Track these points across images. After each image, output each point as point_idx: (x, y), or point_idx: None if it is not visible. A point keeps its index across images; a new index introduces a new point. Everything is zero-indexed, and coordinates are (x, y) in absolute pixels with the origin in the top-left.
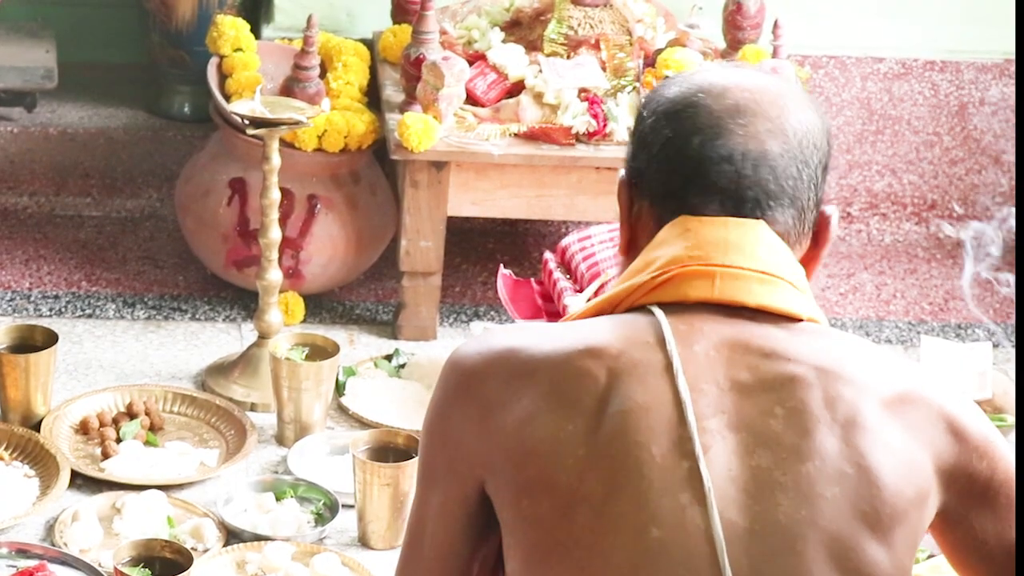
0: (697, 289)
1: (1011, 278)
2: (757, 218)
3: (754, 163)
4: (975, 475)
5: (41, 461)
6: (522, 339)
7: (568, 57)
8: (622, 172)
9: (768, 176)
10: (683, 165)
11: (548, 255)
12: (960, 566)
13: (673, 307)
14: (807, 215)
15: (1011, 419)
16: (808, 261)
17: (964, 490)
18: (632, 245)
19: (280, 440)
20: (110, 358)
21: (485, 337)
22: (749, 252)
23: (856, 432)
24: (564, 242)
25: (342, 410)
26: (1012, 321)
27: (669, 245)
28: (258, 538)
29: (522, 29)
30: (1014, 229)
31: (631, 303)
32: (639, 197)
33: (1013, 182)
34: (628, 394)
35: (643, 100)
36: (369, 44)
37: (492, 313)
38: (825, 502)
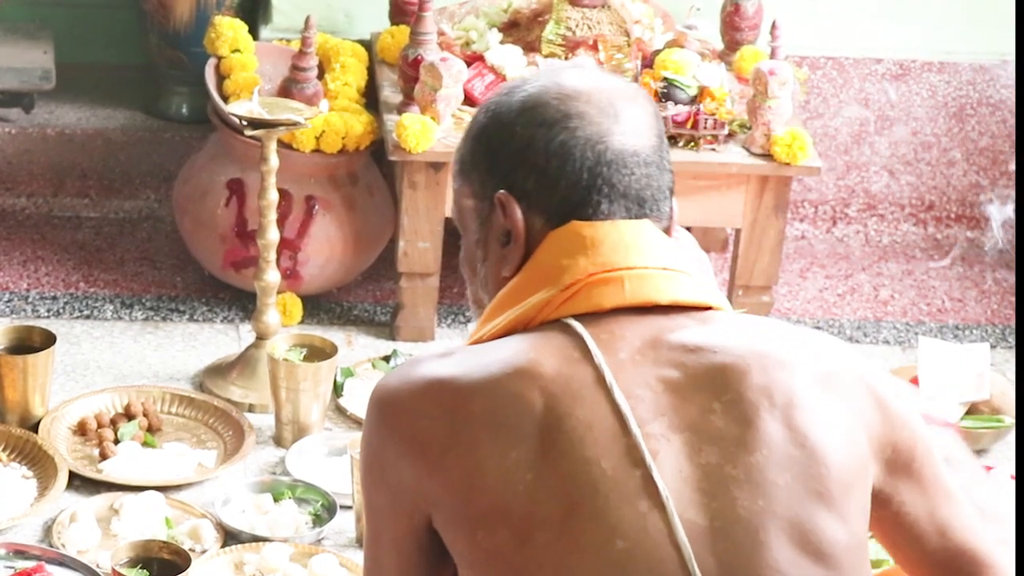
0: (609, 296)
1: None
2: (654, 216)
3: (644, 162)
4: (899, 445)
5: (39, 462)
6: (447, 368)
7: (566, 58)
8: (500, 192)
9: (654, 172)
10: (581, 176)
11: None
12: (895, 550)
13: (586, 316)
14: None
15: (1009, 420)
16: None
17: (890, 461)
18: (521, 263)
19: (278, 441)
20: (108, 359)
21: (408, 369)
22: (646, 251)
23: (795, 413)
24: None
25: (340, 411)
26: (1009, 322)
27: (569, 255)
28: (256, 539)
29: (520, 30)
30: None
31: (543, 318)
32: (530, 215)
33: (1011, 183)
34: (568, 412)
35: (490, 115)
36: (367, 45)
37: None
38: (779, 489)
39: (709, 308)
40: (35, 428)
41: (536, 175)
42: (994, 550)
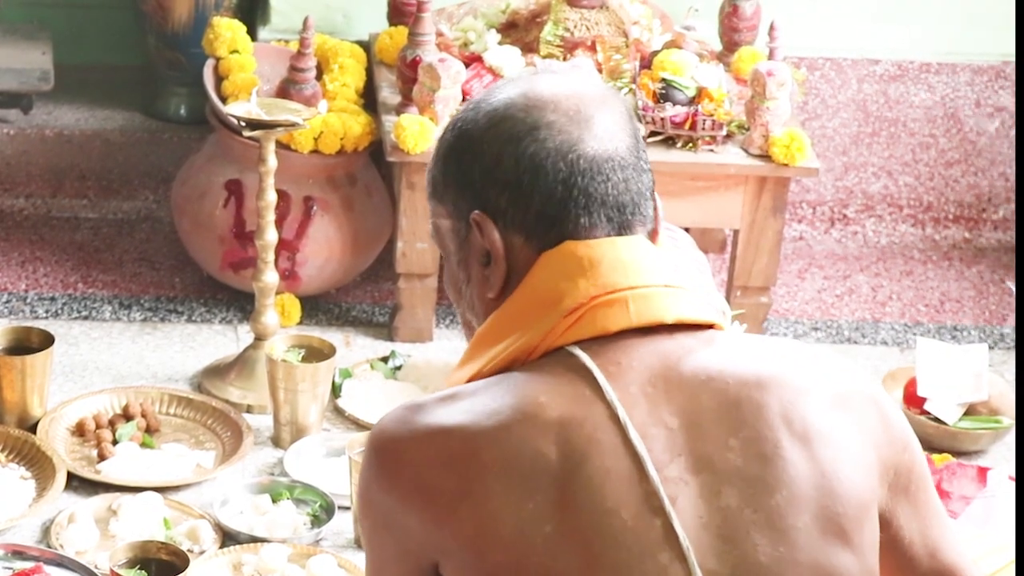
0: (614, 319)
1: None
2: (638, 220)
3: (620, 166)
4: (900, 467)
5: (37, 463)
6: (454, 416)
7: (564, 59)
8: (475, 213)
9: (631, 175)
10: (555, 189)
11: None
12: (885, 573)
13: (591, 343)
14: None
15: (1007, 421)
16: None
17: (892, 484)
18: (507, 284)
19: (276, 442)
20: (106, 360)
21: (410, 415)
22: (645, 268)
23: (813, 444)
24: None
25: (338, 412)
26: (1007, 323)
27: (567, 277)
28: (254, 540)
29: (518, 31)
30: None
31: (547, 347)
32: (508, 233)
33: (1009, 183)
34: (584, 459)
35: (457, 132)
36: (365, 46)
37: None
38: (799, 533)
39: (711, 326)
40: (33, 429)
41: (509, 192)
42: (970, 564)
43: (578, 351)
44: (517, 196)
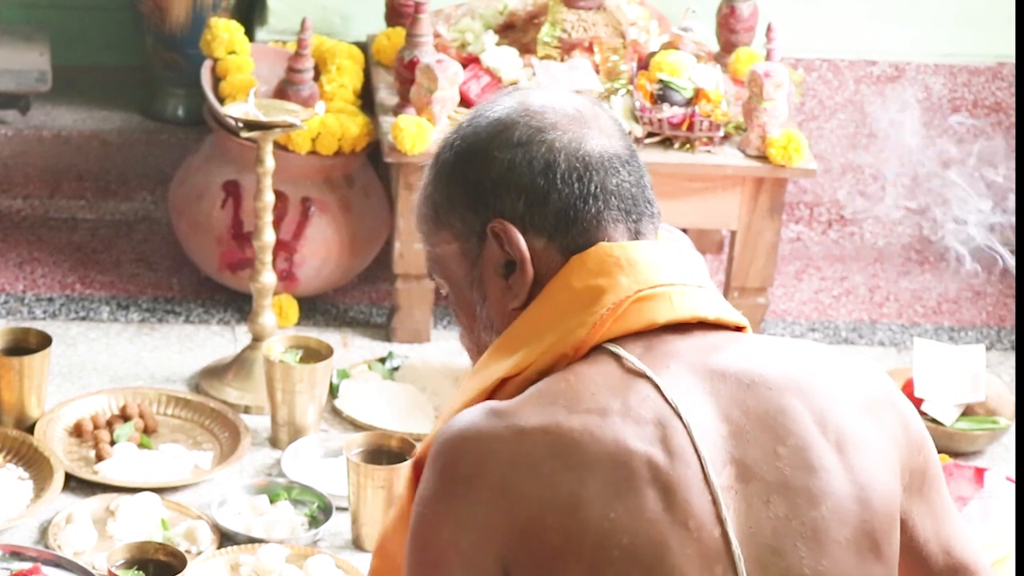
0: (660, 312)
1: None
2: (648, 214)
3: (626, 160)
4: (915, 469)
5: (35, 464)
6: (541, 417)
7: (561, 60)
8: (495, 222)
9: (635, 170)
10: (571, 186)
11: None
12: (900, 573)
13: (633, 344)
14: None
15: (1004, 421)
16: None
17: (908, 486)
18: (535, 287)
19: (274, 443)
20: (104, 361)
21: (491, 417)
22: (680, 268)
23: (847, 453)
24: None
25: (336, 413)
26: (1004, 324)
27: (604, 275)
28: (252, 540)
29: (516, 32)
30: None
31: (594, 341)
32: (530, 237)
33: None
34: (662, 467)
35: (456, 149)
36: (363, 47)
37: None
38: (840, 548)
39: (740, 328)
40: (31, 430)
41: (525, 196)
42: (981, 557)
43: (623, 352)
44: (534, 199)
